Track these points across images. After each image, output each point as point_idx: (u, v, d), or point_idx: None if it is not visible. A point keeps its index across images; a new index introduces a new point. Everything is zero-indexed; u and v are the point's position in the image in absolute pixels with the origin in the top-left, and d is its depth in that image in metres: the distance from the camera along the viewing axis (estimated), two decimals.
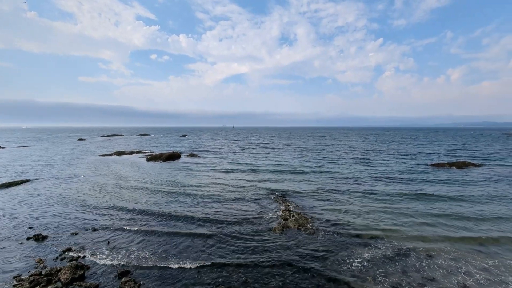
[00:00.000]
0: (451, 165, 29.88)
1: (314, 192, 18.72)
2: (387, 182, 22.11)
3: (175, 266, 9.10)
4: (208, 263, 9.23)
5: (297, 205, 15.62)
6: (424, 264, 9.22)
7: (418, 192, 18.61)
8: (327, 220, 13.34)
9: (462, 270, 8.82)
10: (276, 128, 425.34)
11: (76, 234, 11.70)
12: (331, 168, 28.88)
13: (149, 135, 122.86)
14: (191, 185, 20.65)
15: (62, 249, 10.22)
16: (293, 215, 13.69)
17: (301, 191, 18.79)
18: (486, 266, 9.09)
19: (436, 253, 9.98)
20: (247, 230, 12.15)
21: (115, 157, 38.70)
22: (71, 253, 9.98)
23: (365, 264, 9.24)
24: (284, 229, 12.25)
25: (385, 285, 8.02)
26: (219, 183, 21.36)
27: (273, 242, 10.89)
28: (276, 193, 18.15)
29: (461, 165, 29.56)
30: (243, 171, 27.05)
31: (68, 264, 9.04)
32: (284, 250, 10.27)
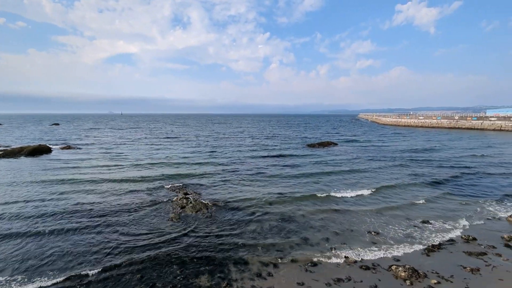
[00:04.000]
0: (319, 144, 36.69)
1: (212, 178, 18.96)
2: (276, 160, 25.00)
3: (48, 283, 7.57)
4: (97, 269, 8.13)
5: (195, 192, 15.59)
6: (302, 222, 11.13)
7: (297, 166, 22.04)
8: (224, 202, 13.95)
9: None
10: (171, 115, 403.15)
11: None
12: (229, 154, 29.85)
13: (0, 124, 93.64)
14: (68, 183, 17.28)
15: None
16: (191, 202, 13.65)
17: (200, 179, 18.72)
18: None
19: (307, 212, 12.19)
20: (141, 223, 11.29)
21: None
22: None
23: (256, 236, 10.31)
24: (181, 216, 12.10)
25: (273, 252, 9.24)
26: (105, 179, 18.53)
27: (169, 232, 10.58)
28: (174, 184, 17.44)
29: (325, 144, 36.76)
30: (135, 163, 24.30)
31: None
32: (181, 237, 10.15)
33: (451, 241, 9.88)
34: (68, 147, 33.38)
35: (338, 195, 15.26)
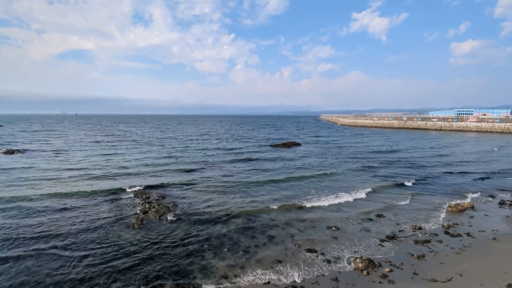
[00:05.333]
0: (283, 144, 37.54)
1: (177, 182, 18.23)
2: (241, 162, 24.95)
3: None
4: None
5: (159, 196, 14.89)
6: (268, 227, 11.25)
7: (262, 168, 22.28)
8: (189, 205, 13.57)
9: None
10: (132, 116, 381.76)
11: None
12: (194, 157, 28.93)
13: None
14: (9, 192, 15.40)
15: None
16: (154, 206, 13.02)
17: (164, 183, 17.91)
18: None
19: (274, 213, 12.37)
20: (99, 233, 10.46)
21: None
22: None
23: (222, 238, 10.19)
24: (143, 222, 11.48)
25: (239, 253, 9.20)
26: (55, 185, 16.84)
27: (131, 240, 9.93)
28: (135, 188, 16.39)
29: (289, 145, 37.68)
30: (90, 168, 22.40)
31: None
32: (143, 245, 9.62)
33: (402, 231, 10.76)
34: (12, 152, 29.72)
35: (302, 197, 15.74)
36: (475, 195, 15.45)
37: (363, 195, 15.33)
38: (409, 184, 17.89)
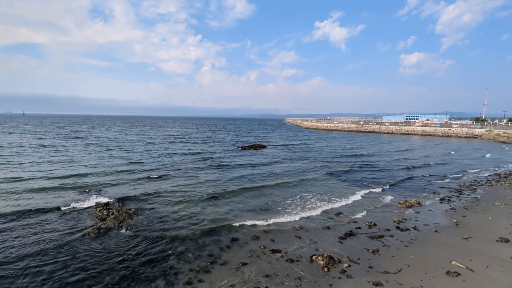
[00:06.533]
0: (250, 147, 38.02)
1: (139, 186, 17.30)
2: (208, 166, 24.48)
3: None
4: None
5: (118, 202, 13.96)
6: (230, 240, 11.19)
7: (231, 173, 22.12)
8: (152, 211, 12.94)
9: None
10: (91, 116, 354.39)
11: None
12: (158, 160, 27.45)
13: None
14: None
15: None
16: (113, 213, 12.18)
17: (124, 187, 16.84)
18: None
19: (238, 215, 12.35)
20: (49, 246, 9.45)
21: None
22: None
23: (186, 242, 9.90)
24: (101, 231, 10.68)
25: (203, 257, 9.01)
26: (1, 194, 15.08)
27: (86, 250, 9.18)
28: (92, 195, 15.18)
29: (256, 147, 38.16)
30: (39, 172, 20.30)
31: None
32: (101, 253, 8.94)
33: (359, 228, 11.44)
34: None
35: (271, 204, 15.93)
36: (423, 193, 16.99)
37: (326, 197, 16.02)
38: (370, 184, 19.14)
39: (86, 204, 13.56)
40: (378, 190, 17.56)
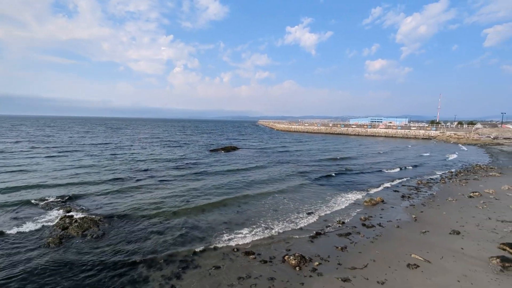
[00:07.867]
0: (222, 149, 37.69)
1: (105, 192, 16.15)
2: (181, 170, 23.70)
3: None
4: None
5: (82, 209, 13.06)
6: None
7: (206, 179, 21.71)
8: (120, 216, 12.25)
9: None
10: (53, 118, 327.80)
11: None
12: (125, 164, 25.98)
13: None
14: None
15: None
16: (76, 221, 11.32)
17: (89, 194, 15.71)
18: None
19: (211, 219, 12.16)
20: (2, 262, 8.60)
21: None
22: None
23: (157, 248, 9.53)
24: (63, 240, 9.89)
25: (176, 263, 8.72)
26: None
27: (45, 264, 8.42)
28: (53, 202, 14.01)
29: (228, 149, 37.97)
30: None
31: None
32: (62, 265, 8.27)
33: (329, 227, 11.83)
34: None
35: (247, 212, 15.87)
36: (388, 191, 18.02)
37: (299, 196, 16.35)
38: (349, 186, 19.86)
39: (46, 212, 12.52)
40: (352, 191, 18.23)
